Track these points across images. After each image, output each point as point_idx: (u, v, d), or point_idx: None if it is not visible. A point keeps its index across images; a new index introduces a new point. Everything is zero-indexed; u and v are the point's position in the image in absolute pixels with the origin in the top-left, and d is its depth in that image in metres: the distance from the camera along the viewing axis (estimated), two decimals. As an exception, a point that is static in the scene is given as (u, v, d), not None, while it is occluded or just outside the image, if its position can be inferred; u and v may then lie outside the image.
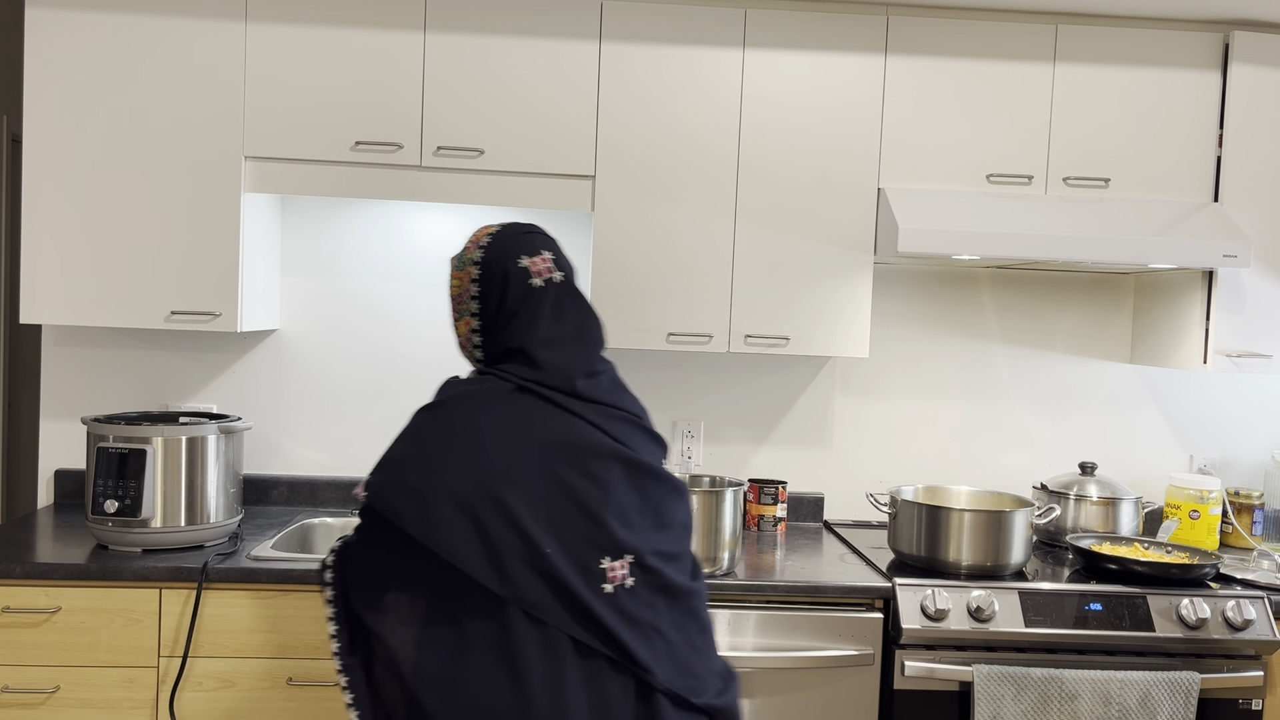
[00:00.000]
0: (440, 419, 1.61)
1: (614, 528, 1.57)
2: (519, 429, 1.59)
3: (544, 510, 1.55)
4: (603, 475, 1.60)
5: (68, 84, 2.50)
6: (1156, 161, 2.71)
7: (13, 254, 3.88)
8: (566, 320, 1.68)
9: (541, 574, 1.52)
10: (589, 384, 1.65)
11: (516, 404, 1.62)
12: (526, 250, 1.69)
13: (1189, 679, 2.28)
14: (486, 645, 1.51)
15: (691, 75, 2.61)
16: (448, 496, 1.53)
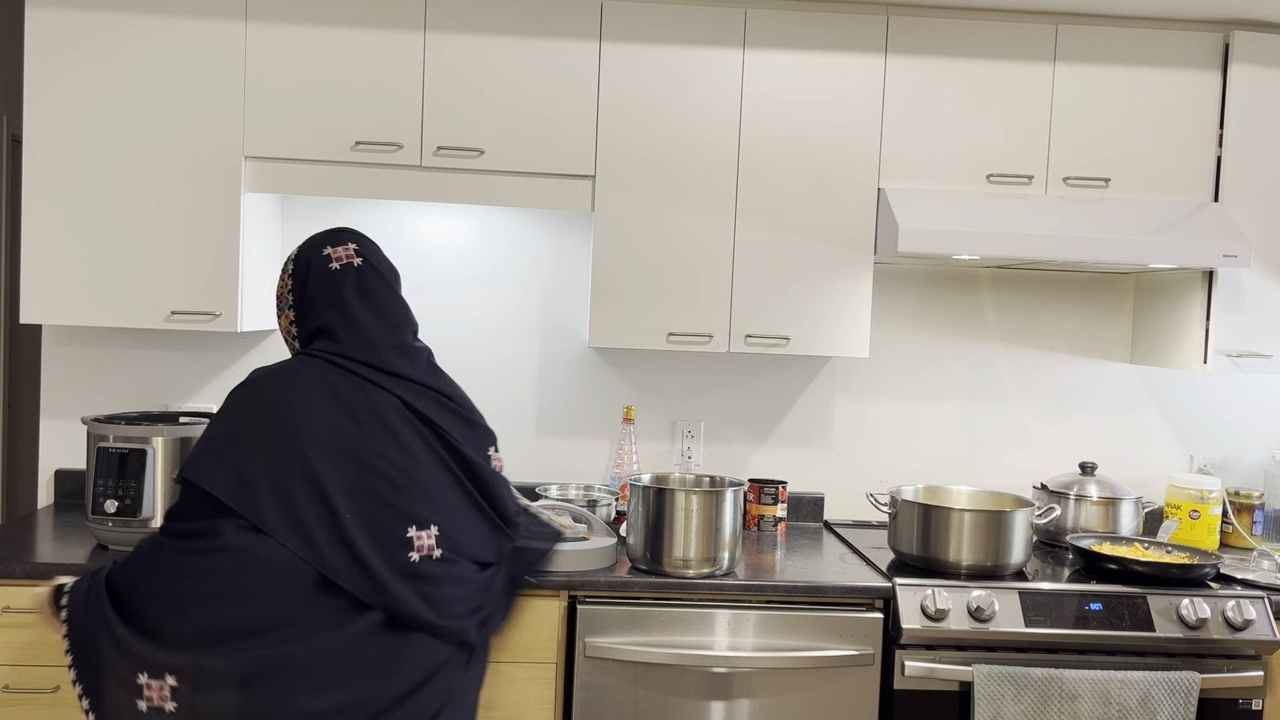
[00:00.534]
0: (250, 394, 1.73)
1: (419, 500, 1.68)
2: (326, 400, 1.70)
3: (350, 479, 1.66)
4: (412, 448, 1.71)
5: (68, 84, 2.50)
6: (1156, 161, 2.71)
7: (13, 254, 3.88)
8: (369, 300, 1.81)
9: (343, 541, 1.64)
10: (398, 360, 1.77)
11: (324, 377, 1.72)
12: (331, 242, 1.85)
13: (1189, 679, 2.28)
14: (285, 604, 1.61)
15: (691, 75, 2.61)
16: (262, 467, 1.65)
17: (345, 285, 1.81)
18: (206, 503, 1.65)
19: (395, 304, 1.84)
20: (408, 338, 1.82)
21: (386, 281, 1.85)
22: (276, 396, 1.71)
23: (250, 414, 1.70)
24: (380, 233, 2.94)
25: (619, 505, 2.82)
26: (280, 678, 1.58)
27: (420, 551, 1.68)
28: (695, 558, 2.30)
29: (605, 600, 2.29)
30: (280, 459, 1.65)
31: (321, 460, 1.66)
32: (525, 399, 2.98)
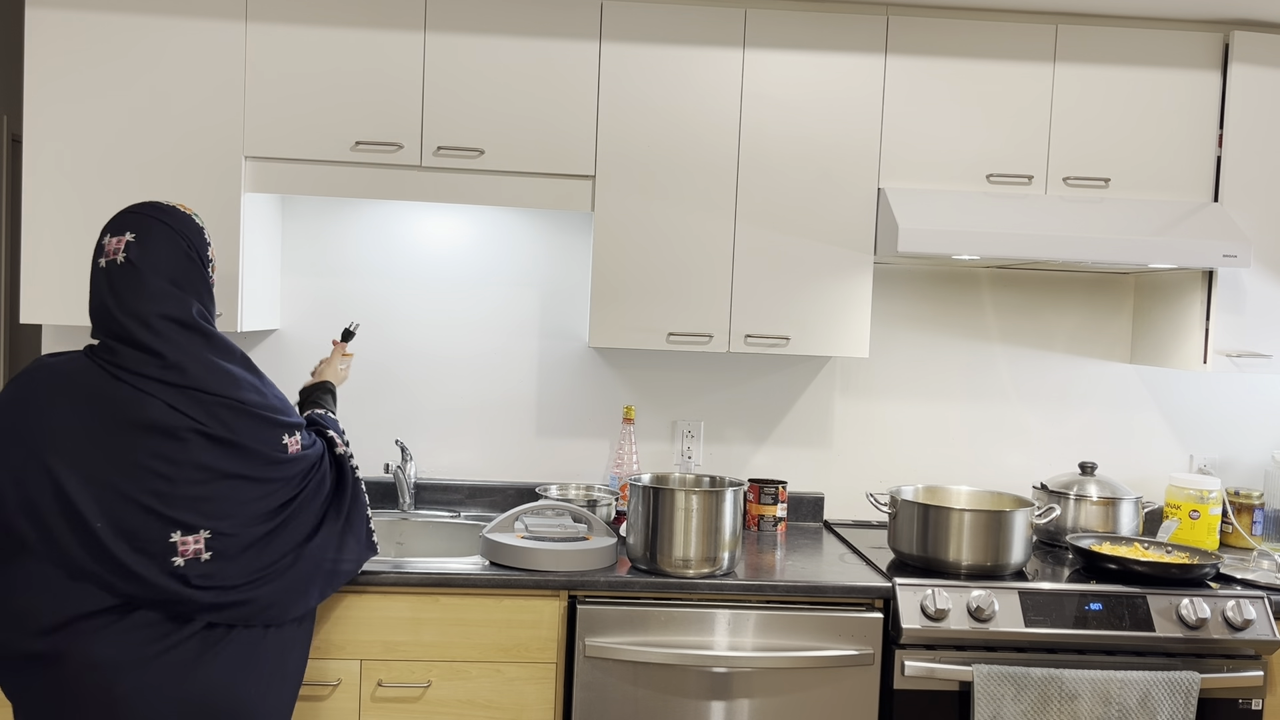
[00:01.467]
0: (9, 392, 1.76)
1: (182, 505, 1.71)
2: (82, 403, 1.71)
3: (101, 486, 1.68)
4: (173, 453, 1.71)
5: (68, 84, 2.50)
6: (1156, 161, 2.71)
7: (13, 254, 3.88)
8: (125, 300, 1.78)
9: (90, 548, 1.67)
10: (156, 363, 1.75)
11: (85, 379, 1.74)
12: (112, 230, 1.84)
13: (1189, 679, 2.28)
14: (35, 600, 1.69)
15: (691, 75, 2.61)
16: (4, 468, 1.70)
17: (104, 288, 1.82)
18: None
19: (159, 300, 1.81)
20: (178, 335, 1.80)
21: (153, 278, 1.81)
22: (29, 396, 1.76)
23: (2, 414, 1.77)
24: (380, 233, 2.94)
25: (619, 505, 2.82)
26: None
27: (184, 556, 1.74)
28: (695, 558, 2.30)
29: (605, 600, 2.29)
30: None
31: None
32: (525, 399, 2.98)
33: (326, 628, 2.27)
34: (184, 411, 1.75)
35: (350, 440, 2.95)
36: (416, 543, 2.78)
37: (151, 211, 1.87)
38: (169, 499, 1.73)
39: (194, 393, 1.77)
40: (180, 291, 1.83)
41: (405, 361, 2.96)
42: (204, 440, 1.76)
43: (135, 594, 1.72)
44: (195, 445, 1.75)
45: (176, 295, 1.82)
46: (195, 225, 1.91)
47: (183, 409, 1.75)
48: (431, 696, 2.29)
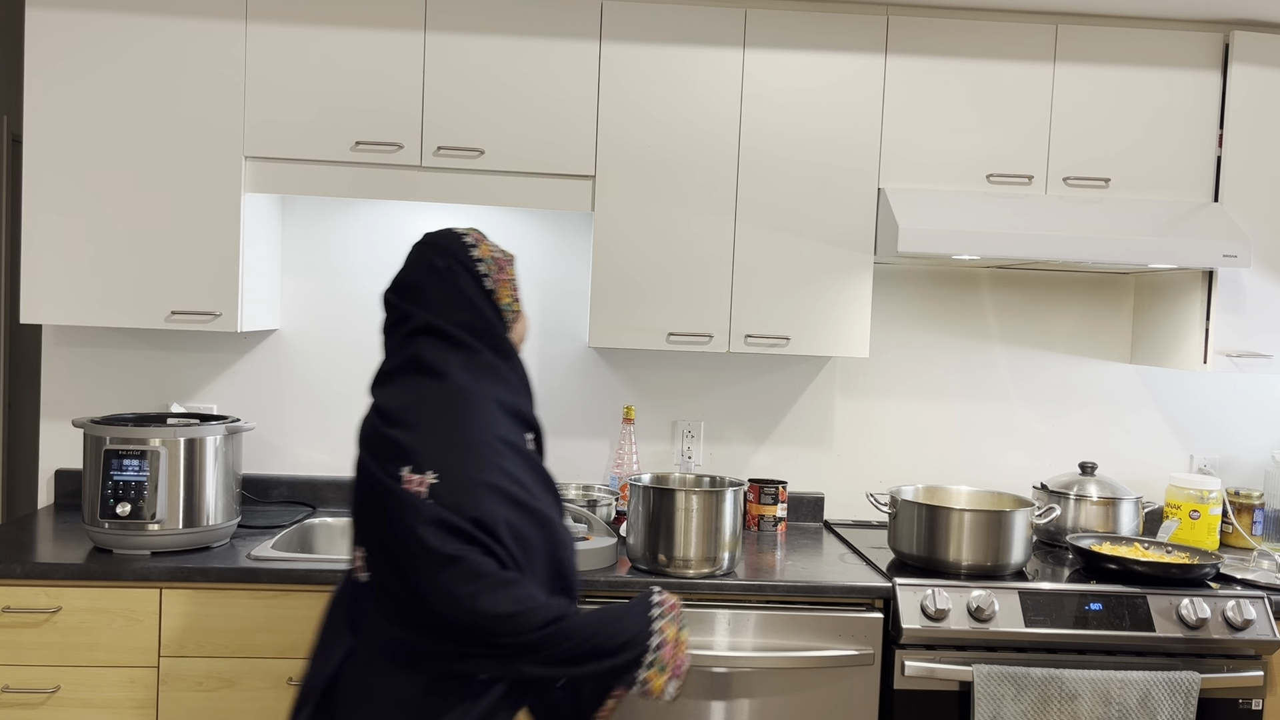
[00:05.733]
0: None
1: (356, 516, 1.65)
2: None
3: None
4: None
5: (68, 84, 2.50)
6: (1156, 161, 2.71)
7: (13, 254, 3.88)
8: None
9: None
10: (381, 374, 1.72)
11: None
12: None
13: (1189, 679, 2.28)
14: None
15: (691, 75, 2.61)
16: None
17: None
18: None
19: (401, 304, 1.74)
20: (405, 343, 1.71)
21: (400, 282, 1.76)
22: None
23: None
24: (380, 233, 2.94)
25: (619, 505, 2.82)
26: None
27: (356, 570, 1.67)
28: (695, 558, 2.30)
29: (605, 600, 2.29)
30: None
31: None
32: (525, 399, 2.98)
33: (326, 628, 2.27)
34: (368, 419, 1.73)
35: (349, 441, 2.95)
36: (416, 543, 2.78)
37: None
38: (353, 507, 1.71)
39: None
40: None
41: (405, 361, 2.96)
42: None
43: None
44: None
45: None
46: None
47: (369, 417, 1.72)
48: (431, 696, 2.29)
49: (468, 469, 1.57)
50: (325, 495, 2.93)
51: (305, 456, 2.94)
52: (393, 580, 1.57)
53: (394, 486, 1.56)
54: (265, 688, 2.27)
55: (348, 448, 2.95)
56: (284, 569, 2.25)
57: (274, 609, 2.26)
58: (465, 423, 1.61)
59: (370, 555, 1.60)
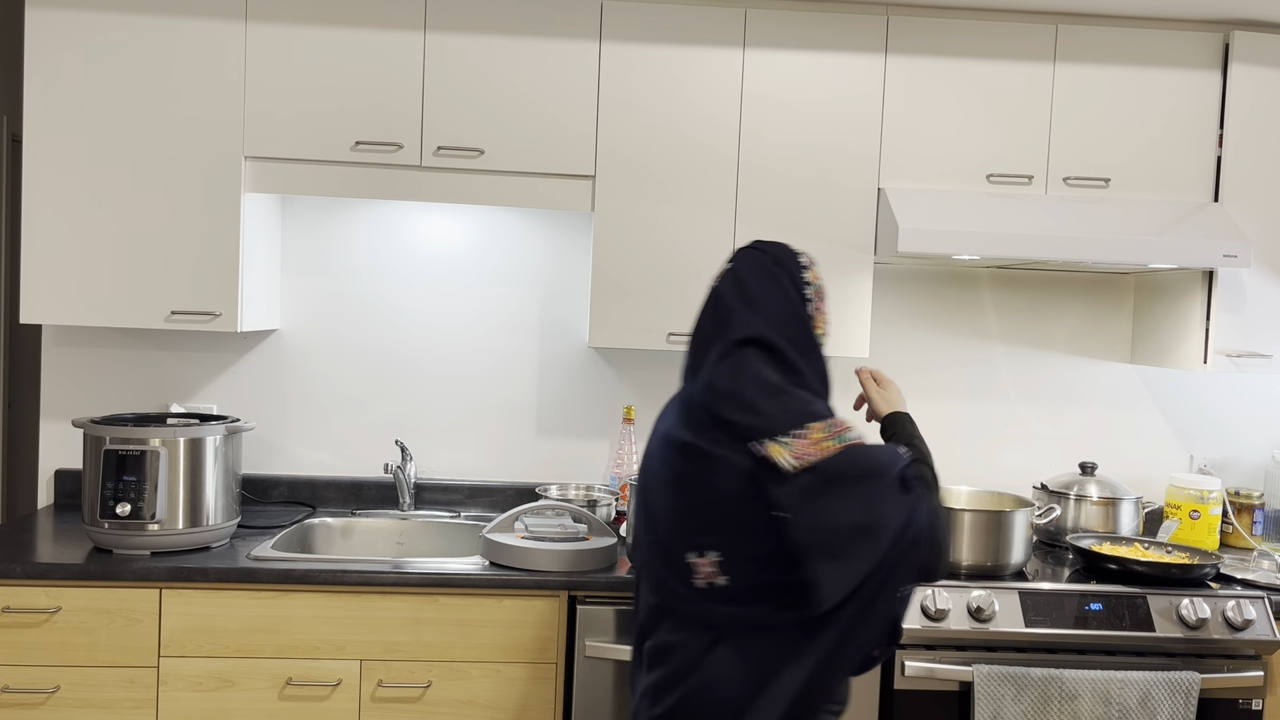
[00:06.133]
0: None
1: (685, 522, 1.61)
2: (658, 428, 1.73)
3: (648, 502, 1.69)
4: (671, 469, 1.64)
5: (68, 84, 2.50)
6: (1156, 161, 2.71)
7: (13, 254, 3.88)
8: (699, 320, 1.73)
9: (646, 564, 1.70)
10: (691, 378, 1.70)
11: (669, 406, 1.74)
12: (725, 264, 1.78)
13: (1189, 679, 2.28)
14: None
15: (691, 75, 2.61)
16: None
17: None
18: None
19: (716, 314, 1.69)
20: (712, 348, 1.66)
21: (718, 294, 1.70)
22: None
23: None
24: (380, 233, 2.94)
25: (619, 505, 2.82)
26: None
27: (704, 579, 1.61)
28: (695, 558, 2.30)
29: (605, 600, 2.29)
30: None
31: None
32: (525, 399, 2.98)
33: (327, 628, 2.27)
34: (681, 421, 1.68)
35: (349, 441, 2.95)
36: (416, 543, 2.78)
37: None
38: (676, 516, 1.64)
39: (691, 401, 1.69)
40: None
41: (405, 361, 2.96)
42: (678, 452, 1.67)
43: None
44: (676, 459, 1.67)
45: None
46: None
47: (683, 419, 1.68)
48: (432, 697, 2.29)
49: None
50: (325, 495, 2.93)
51: (305, 456, 2.94)
52: (765, 569, 1.56)
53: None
54: (265, 688, 2.27)
55: (347, 448, 2.95)
56: (284, 569, 2.25)
57: (274, 609, 2.26)
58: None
59: (727, 558, 1.58)
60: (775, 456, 1.52)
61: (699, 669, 1.60)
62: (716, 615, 1.60)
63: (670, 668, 1.63)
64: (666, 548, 1.64)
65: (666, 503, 1.64)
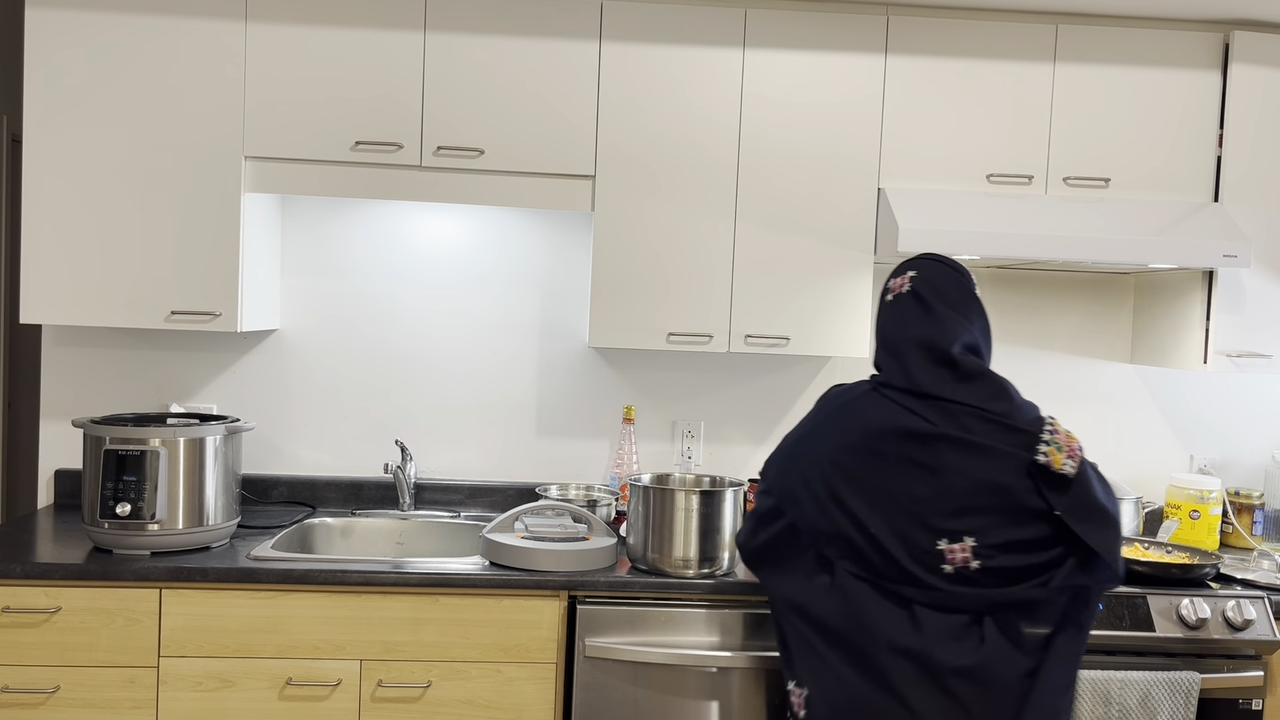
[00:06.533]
0: (810, 415, 1.98)
1: (942, 512, 1.77)
2: (848, 418, 1.86)
3: (873, 493, 1.80)
4: (929, 460, 1.79)
5: (68, 84, 2.50)
6: (1156, 161, 2.71)
7: (13, 254, 3.88)
8: (910, 323, 1.88)
9: (868, 549, 1.80)
10: (930, 380, 1.83)
11: (862, 400, 1.88)
12: (895, 273, 1.99)
13: (1189, 679, 2.28)
14: (826, 590, 1.86)
15: (691, 75, 2.61)
16: (800, 476, 1.89)
17: (889, 316, 1.95)
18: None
19: (937, 323, 1.89)
20: (944, 354, 1.87)
21: (934, 303, 1.91)
22: (819, 419, 1.94)
23: (801, 431, 1.97)
24: (380, 233, 2.94)
25: (619, 505, 2.82)
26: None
27: (954, 564, 1.79)
28: (695, 558, 2.30)
29: (605, 600, 2.29)
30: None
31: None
32: (525, 399, 2.99)
33: (327, 628, 2.27)
34: (934, 421, 1.83)
35: (349, 441, 2.95)
36: (416, 543, 2.78)
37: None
38: (930, 506, 1.80)
39: (949, 404, 1.85)
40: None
41: (405, 361, 2.96)
42: (952, 445, 1.81)
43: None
44: (946, 451, 1.81)
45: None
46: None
47: (934, 419, 1.83)
48: (431, 696, 2.29)
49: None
50: (325, 495, 2.93)
51: (305, 456, 2.95)
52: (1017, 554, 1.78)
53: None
54: (265, 688, 2.27)
55: (347, 448, 2.95)
56: (284, 569, 2.25)
57: (274, 609, 2.26)
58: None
59: (981, 543, 1.77)
60: (1053, 458, 1.79)
61: (985, 645, 1.78)
62: (964, 598, 1.77)
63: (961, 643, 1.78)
64: (903, 535, 1.79)
65: (905, 491, 1.79)
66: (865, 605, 1.81)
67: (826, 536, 1.86)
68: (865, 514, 1.80)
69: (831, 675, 1.83)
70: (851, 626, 1.82)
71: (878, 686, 1.79)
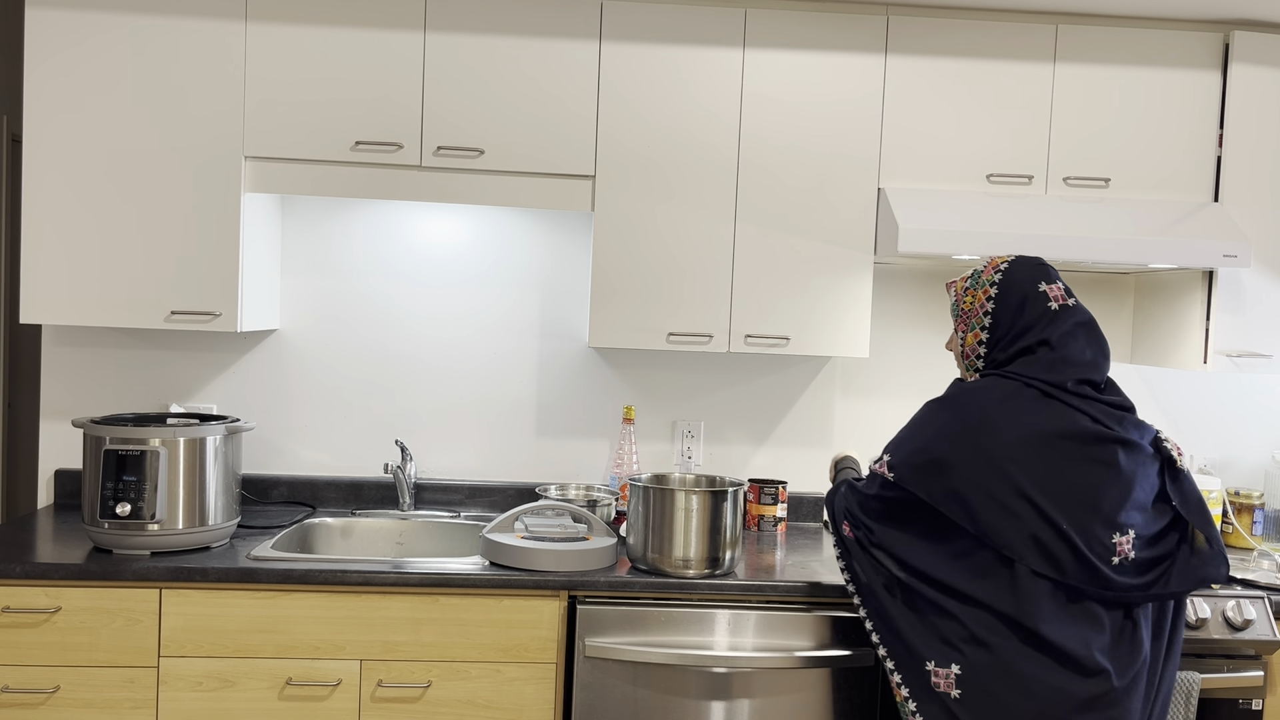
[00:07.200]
0: (949, 409, 1.95)
1: (1119, 507, 1.85)
2: (1024, 419, 1.88)
3: (1054, 489, 1.85)
4: (1108, 459, 1.87)
5: (68, 84, 2.50)
6: (1156, 161, 2.71)
7: (13, 254, 3.88)
8: (1074, 336, 1.96)
9: (1058, 546, 1.83)
10: (1080, 385, 1.93)
11: (1021, 399, 1.90)
12: (1044, 278, 2.00)
13: (1189, 679, 2.28)
14: (998, 588, 1.87)
15: (691, 75, 2.61)
16: (969, 477, 1.87)
17: (1058, 325, 1.97)
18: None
19: (1092, 344, 1.98)
20: (1095, 368, 1.96)
21: (1091, 325, 1.99)
22: (975, 414, 1.92)
23: (950, 429, 1.93)
24: (380, 233, 2.94)
25: (619, 505, 2.82)
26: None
27: (1120, 555, 1.86)
28: (695, 558, 2.30)
29: (605, 600, 2.29)
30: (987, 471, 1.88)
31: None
32: (525, 399, 2.99)
33: (327, 628, 2.27)
34: (1102, 421, 1.91)
35: (349, 441, 2.95)
36: (416, 543, 2.78)
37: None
38: (1109, 501, 1.87)
39: (1102, 404, 1.95)
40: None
41: (405, 361, 2.96)
42: (1122, 446, 1.90)
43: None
44: (1119, 451, 1.89)
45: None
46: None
47: (1101, 419, 1.91)
48: (431, 696, 2.29)
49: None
50: (325, 495, 2.93)
51: (305, 456, 2.95)
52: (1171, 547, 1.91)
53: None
54: (265, 688, 2.27)
55: (347, 448, 2.95)
56: (284, 569, 2.25)
57: (274, 609, 2.26)
58: None
59: (1138, 535, 1.87)
60: (1175, 454, 1.93)
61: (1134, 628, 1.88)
62: (1118, 585, 1.84)
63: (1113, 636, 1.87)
64: (1086, 530, 1.84)
65: (1086, 488, 1.85)
66: (1040, 600, 1.85)
67: (1006, 534, 1.86)
68: (1053, 510, 1.84)
69: (990, 653, 1.86)
70: (1022, 614, 1.85)
71: (1041, 668, 1.84)
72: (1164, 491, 1.92)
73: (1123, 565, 1.86)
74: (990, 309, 2.01)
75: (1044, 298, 1.98)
